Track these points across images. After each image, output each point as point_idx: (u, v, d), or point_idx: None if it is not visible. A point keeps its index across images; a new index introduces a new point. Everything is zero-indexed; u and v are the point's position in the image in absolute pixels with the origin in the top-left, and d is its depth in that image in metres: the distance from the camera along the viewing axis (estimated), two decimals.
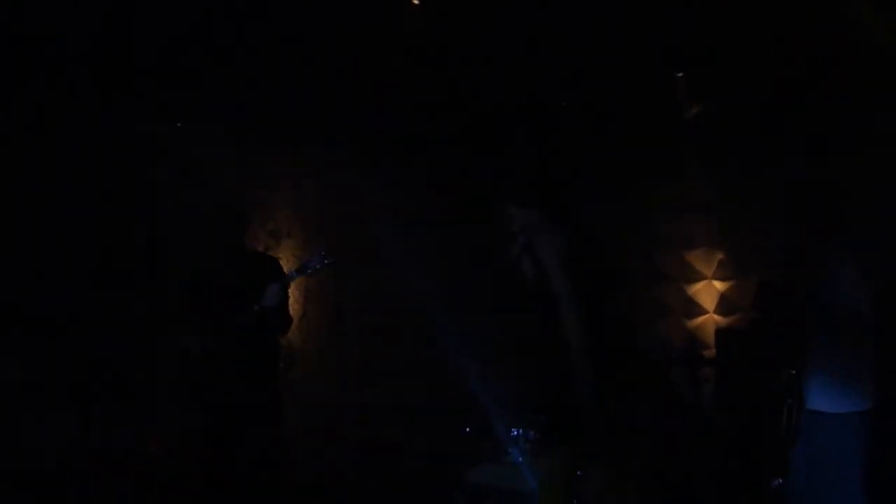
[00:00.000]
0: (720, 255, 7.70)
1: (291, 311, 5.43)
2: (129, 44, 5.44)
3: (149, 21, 5.37)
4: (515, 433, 4.65)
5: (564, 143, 7.07)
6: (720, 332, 7.30)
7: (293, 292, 5.72)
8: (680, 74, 6.95)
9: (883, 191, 5.98)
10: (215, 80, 5.93)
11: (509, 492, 4.18)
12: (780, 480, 4.52)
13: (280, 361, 5.03)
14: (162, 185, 6.05)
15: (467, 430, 4.31)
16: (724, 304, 7.64)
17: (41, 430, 5.13)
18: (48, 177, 5.42)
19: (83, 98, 5.55)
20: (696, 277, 7.78)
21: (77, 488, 5.09)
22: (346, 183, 7.03)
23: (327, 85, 6.16)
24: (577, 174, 7.42)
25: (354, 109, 6.32)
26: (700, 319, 7.73)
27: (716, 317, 7.66)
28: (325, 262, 4.97)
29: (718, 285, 7.70)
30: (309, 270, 5.00)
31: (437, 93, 6.47)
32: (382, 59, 6.03)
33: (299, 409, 6.22)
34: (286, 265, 5.78)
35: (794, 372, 4.45)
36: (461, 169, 7.14)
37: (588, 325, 3.76)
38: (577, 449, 3.79)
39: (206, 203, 5.38)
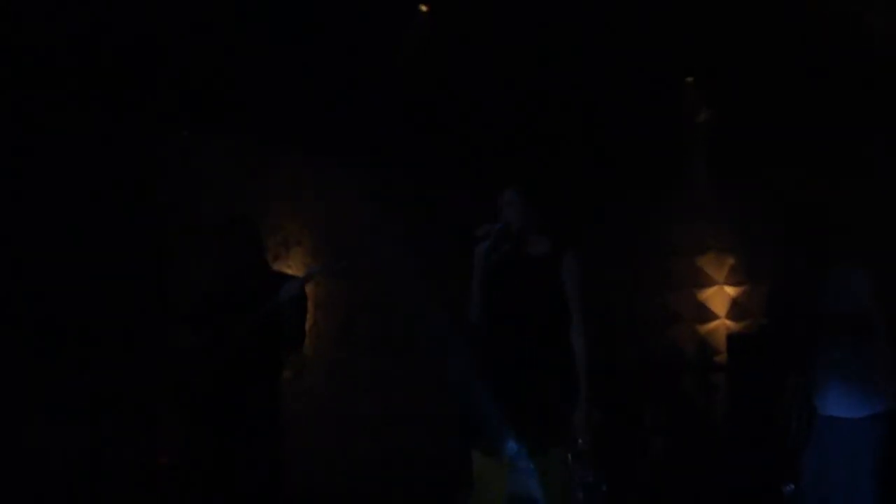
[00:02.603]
0: (731, 261, 7.68)
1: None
2: (137, 53, 5.46)
3: (156, 31, 5.40)
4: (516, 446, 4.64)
5: (573, 150, 7.07)
6: (732, 337, 7.27)
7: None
8: (689, 79, 6.95)
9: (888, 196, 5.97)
10: (223, 90, 5.94)
11: (517, 497, 4.17)
12: (792, 486, 4.49)
13: (282, 371, 4.93)
14: (169, 194, 6.06)
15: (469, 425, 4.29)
16: (735, 310, 7.61)
17: (48, 439, 5.14)
18: (56, 185, 5.44)
19: (91, 106, 5.57)
20: (708, 283, 7.76)
21: (84, 497, 5.09)
22: (356, 192, 7.04)
23: (335, 95, 6.17)
24: (588, 181, 7.48)
25: (362, 119, 6.32)
26: (712, 325, 7.70)
27: (727, 322, 7.63)
28: (342, 263, 4.82)
29: (730, 290, 7.67)
30: (326, 271, 4.78)
31: (442, 99, 6.48)
32: (387, 68, 6.04)
33: (308, 417, 6.23)
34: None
35: (805, 377, 4.44)
36: (469, 177, 7.13)
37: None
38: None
39: (218, 215, 5.34)
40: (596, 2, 5.74)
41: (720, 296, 7.69)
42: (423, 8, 5.89)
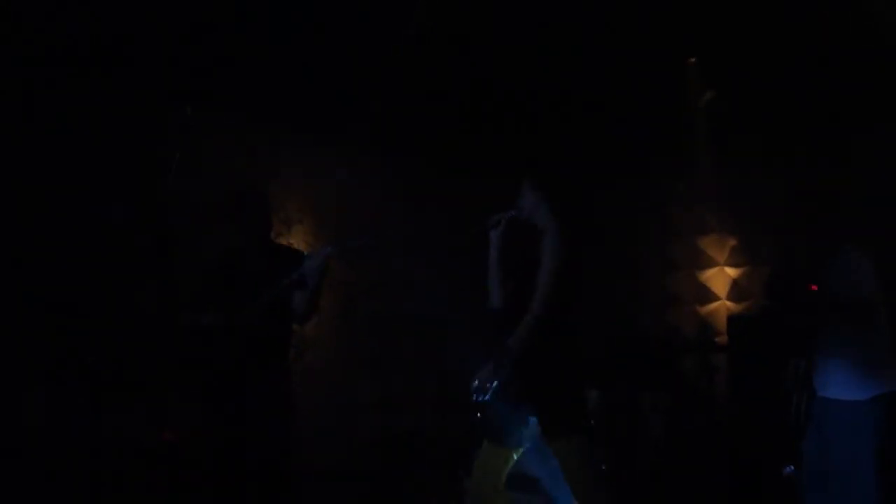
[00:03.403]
0: (733, 242, 7.68)
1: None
2: (139, 33, 5.43)
3: (159, 10, 5.37)
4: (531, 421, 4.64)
5: (574, 132, 7.05)
6: (732, 318, 7.27)
7: None
8: (692, 60, 6.92)
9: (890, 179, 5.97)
10: (225, 69, 5.92)
11: (517, 476, 4.19)
12: (793, 468, 4.51)
13: (289, 347, 4.93)
14: (171, 173, 6.03)
15: (478, 415, 4.29)
16: (736, 291, 7.62)
17: (51, 419, 5.14)
18: (56, 166, 5.43)
19: (95, 86, 5.55)
20: (709, 264, 7.76)
21: (89, 477, 5.11)
22: (358, 171, 7.03)
23: (336, 73, 6.15)
24: (589, 163, 7.46)
25: (364, 98, 6.30)
26: (712, 306, 7.71)
27: (728, 303, 7.64)
28: (361, 241, 4.74)
29: (731, 272, 7.67)
30: (344, 248, 4.71)
31: (444, 82, 6.46)
32: (390, 48, 6.02)
33: (310, 397, 6.23)
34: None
35: (806, 359, 4.45)
36: (472, 157, 7.12)
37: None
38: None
39: (219, 193, 5.31)
40: None
41: (721, 277, 7.69)
42: None
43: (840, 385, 4.25)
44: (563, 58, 6.37)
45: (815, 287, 4.33)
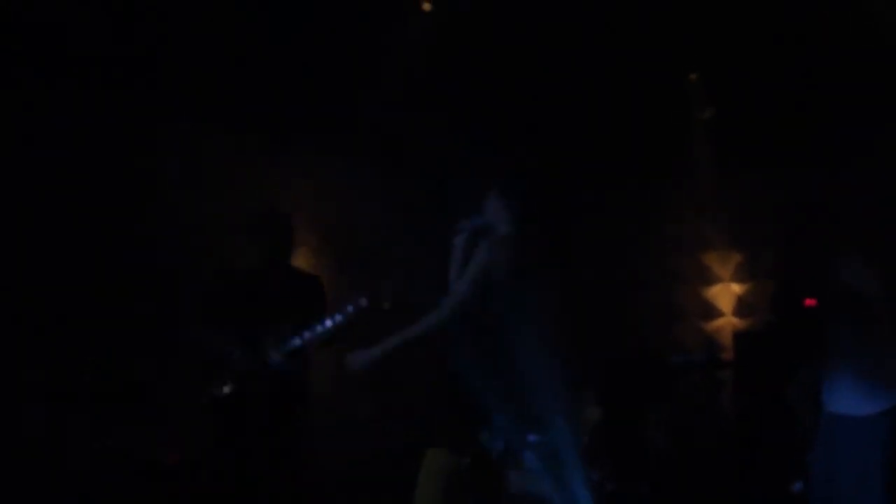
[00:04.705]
0: (737, 258, 7.66)
1: None
2: (139, 45, 5.44)
3: (158, 23, 5.39)
4: (532, 439, 4.60)
5: (578, 146, 7.05)
6: (738, 334, 7.25)
7: None
8: (693, 76, 6.92)
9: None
10: (229, 86, 5.93)
11: (524, 497, 4.14)
12: (801, 484, 4.47)
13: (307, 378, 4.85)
14: (173, 188, 6.03)
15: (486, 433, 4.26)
16: (741, 307, 7.60)
17: (54, 435, 5.12)
18: (60, 179, 5.42)
19: (93, 99, 5.55)
20: (714, 280, 7.74)
21: (91, 495, 5.08)
22: (362, 192, 7.02)
23: (335, 88, 6.15)
24: (592, 177, 7.46)
25: (364, 113, 6.30)
26: (718, 322, 7.68)
27: (733, 319, 7.61)
28: (387, 301, 4.70)
29: (736, 288, 7.65)
30: (381, 304, 4.67)
31: (443, 94, 6.46)
32: (389, 62, 6.04)
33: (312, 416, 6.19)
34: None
35: (812, 375, 4.42)
36: (469, 171, 7.10)
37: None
38: None
39: (225, 214, 5.29)
40: None
41: (726, 293, 7.67)
42: (426, 6, 5.90)
43: (847, 399, 4.21)
44: (565, 71, 6.38)
45: (812, 302, 4.31)
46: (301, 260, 6.72)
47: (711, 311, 7.70)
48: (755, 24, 5.87)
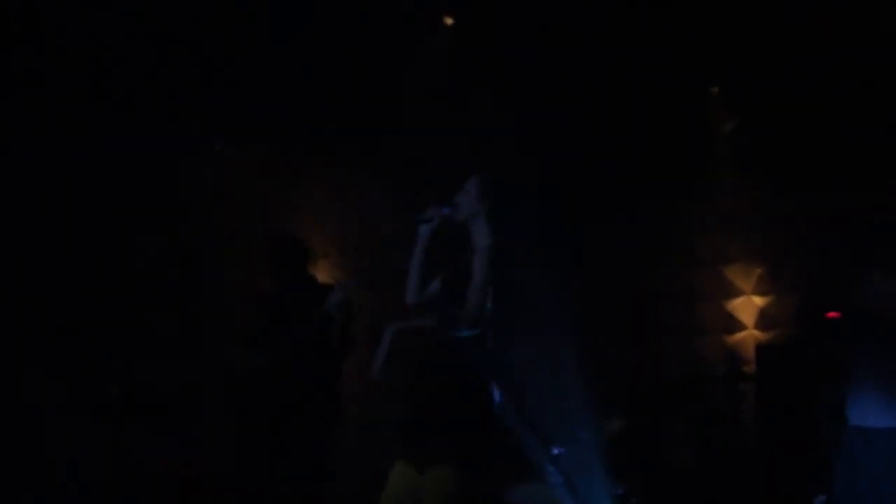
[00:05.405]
0: (759, 271, 7.64)
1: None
2: (167, 65, 5.52)
3: (188, 42, 5.46)
4: (556, 452, 4.60)
5: (600, 161, 7.06)
6: (760, 348, 7.22)
7: None
8: (715, 89, 6.93)
9: None
10: (252, 101, 5.99)
11: None
12: (824, 498, 4.45)
13: (338, 380, 4.86)
14: (198, 205, 6.09)
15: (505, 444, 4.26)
16: (763, 320, 7.57)
17: (77, 450, 5.17)
18: (85, 197, 5.50)
19: (120, 120, 5.63)
20: (735, 293, 7.72)
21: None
22: (382, 204, 7.04)
23: (358, 106, 6.20)
24: (616, 191, 7.46)
25: (386, 130, 6.34)
26: (740, 335, 7.66)
27: (756, 332, 7.59)
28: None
29: (758, 301, 7.63)
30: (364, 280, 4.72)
31: (466, 109, 6.49)
32: (413, 78, 6.08)
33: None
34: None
35: (835, 387, 4.40)
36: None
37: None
38: None
39: (246, 228, 5.31)
40: (623, 10, 5.75)
41: (748, 306, 7.65)
42: (448, 21, 5.95)
43: (871, 412, 4.19)
44: (588, 85, 6.39)
45: (835, 315, 4.29)
46: (322, 273, 6.76)
47: (733, 325, 7.68)
48: (778, 36, 5.88)
